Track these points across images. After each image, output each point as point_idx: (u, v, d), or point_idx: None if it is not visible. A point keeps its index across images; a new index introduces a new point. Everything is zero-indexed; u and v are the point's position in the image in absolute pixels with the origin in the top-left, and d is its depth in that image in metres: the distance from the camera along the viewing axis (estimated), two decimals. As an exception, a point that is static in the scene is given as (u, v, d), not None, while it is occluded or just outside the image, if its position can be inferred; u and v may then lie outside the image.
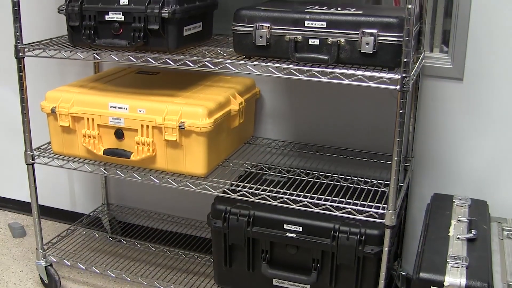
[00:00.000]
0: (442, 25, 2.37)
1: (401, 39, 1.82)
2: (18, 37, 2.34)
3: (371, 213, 1.99)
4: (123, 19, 2.16)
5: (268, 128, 2.68)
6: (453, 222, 2.12)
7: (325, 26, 1.92)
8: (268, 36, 1.98)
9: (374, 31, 1.87)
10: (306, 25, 1.94)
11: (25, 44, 2.35)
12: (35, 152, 2.49)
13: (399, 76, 1.80)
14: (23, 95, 2.40)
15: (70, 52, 2.28)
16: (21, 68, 2.37)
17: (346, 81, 1.89)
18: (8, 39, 2.97)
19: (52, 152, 2.45)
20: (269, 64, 1.98)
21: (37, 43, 2.39)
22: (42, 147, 2.54)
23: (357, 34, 1.89)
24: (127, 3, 2.15)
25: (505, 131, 2.31)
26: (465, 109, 2.34)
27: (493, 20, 2.23)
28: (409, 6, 1.75)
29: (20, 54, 2.35)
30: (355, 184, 2.32)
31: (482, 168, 2.38)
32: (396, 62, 1.87)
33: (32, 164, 2.49)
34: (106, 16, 2.19)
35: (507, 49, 2.24)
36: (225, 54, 2.16)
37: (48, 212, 3.32)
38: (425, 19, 2.27)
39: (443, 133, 2.40)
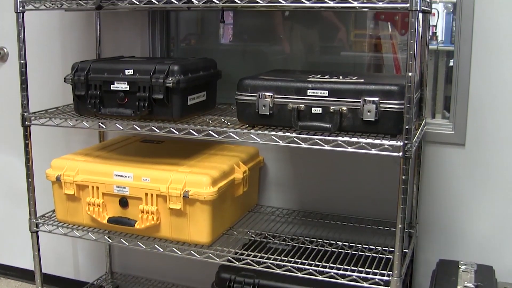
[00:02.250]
0: (443, 91, 2.40)
1: (403, 107, 1.84)
2: (25, 105, 2.37)
3: (377, 280, 1.97)
4: (128, 89, 2.20)
5: (272, 196, 2.68)
6: (460, 288, 2.11)
7: (327, 94, 1.94)
8: (271, 105, 2.01)
9: (376, 99, 1.89)
10: (308, 94, 1.96)
11: (32, 113, 2.38)
12: (39, 220, 2.49)
13: (401, 143, 1.81)
14: (28, 163, 2.42)
15: (76, 121, 2.31)
16: (27, 136, 2.39)
17: (349, 149, 1.90)
18: (15, 107, 3.01)
19: (56, 220, 2.45)
20: (272, 132, 1.99)
21: (44, 112, 2.42)
22: (46, 215, 2.54)
23: (359, 102, 1.91)
24: (132, 73, 2.19)
25: (509, 196, 2.31)
26: (468, 174, 2.35)
27: (493, 85, 2.26)
28: (410, 74, 1.77)
29: (27, 122, 2.38)
30: (360, 251, 2.31)
31: (487, 233, 2.37)
32: (398, 129, 1.88)
33: (36, 232, 2.49)
34: (111, 85, 2.22)
35: (507, 114, 2.26)
36: (228, 123, 2.18)
37: (51, 280, 3.29)
38: (426, 86, 2.30)
39: (447, 199, 2.40)
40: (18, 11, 2.30)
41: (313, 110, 1.97)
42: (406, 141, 1.81)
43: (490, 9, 2.23)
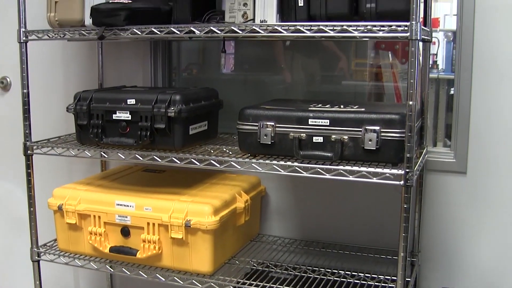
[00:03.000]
0: (444, 120, 2.41)
1: (404, 135, 1.85)
2: (27, 134, 2.39)
3: (379, 310, 1.97)
4: (130, 118, 2.21)
5: (273, 225, 2.68)
6: (463, 318, 2.09)
7: (328, 123, 1.95)
8: (272, 135, 2.02)
9: (377, 127, 1.90)
10: (309, 123, 1.97)
11: (34, 142, 2.39)
12: (41, 249, 2.48)
13: (403, 172, 1.82)
14: (30, 192, 2.42)
15: (78, 150, 2.32)
16: (29, 165, 2.40)
17: (351, 178, 1.90)
18: (17, 136, 3.01)
19: (58, 249, 2.45)
20: (274, 162, 2.00)
21: (46, 141, 2.43)
22: (48, 244, 2.54)
23: (360, 131, 1.92)
24: (134, 103, 2.20)
25: (511, 223, 2.30)
26: (470, 203, 2.35)
27: (494, 113, 2.27)
28: (410, 103, 1.78)
29: (29, 151, 2.38)
30: (362, 280, 2.30)
31: (490, 261, 2.36)
32: (399, 158, 1.89)
33: (38, 261, 2.49)
34: (113, 115, 2.24)
35: (508, 142, 2.26)
36: (230, 153, 2.19)
37: (52, 311, 3.28)
38: (427, 114, 2.31)
39: (449, 227, 2.40)
40: (22, 41, 2.32)
41: (315, 139, 1.97)
42: (407, 170, 1.81)
43: (490, 37, 2.24)
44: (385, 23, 1.80)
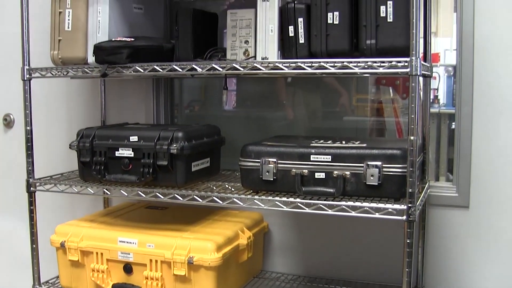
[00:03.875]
0: (446, 154, 2.42)
1: (405, 170, 1.85)
2: (30, 171, 2.39)
3: None
4: (132, 155, 2.22)
5: (276, 261, 2.67)
6: None
7: (330, 159, 1.96)
8: (274, 171, 2.02)
9: (379, 163, 1.91)
10: (311, 159, 1.98)
11: (37, 179, 2.40)
12: (43, 286, 2.47)
13: (405, 207, 1.82)
14: (33, 229, 2.42)
15: (81, 187, 2.32)
16: (32, 202, 2.40)
17: (353, 213, 1.90)
18: (20, 173, 3.02)
19: (60, 286, 2.43)
20: (276, 198, 2.00)
21: (49, 178, 2.44)
22: (50, 281, 2.53)
23: (362, 166, 1.92)
24: (137, 140, 2.21)
25: (514, 259, 2.30)
26: (473, 237, 2.34)
27: (495, 147, 2.27)
28: (412, 138, 1.79)
29: (32, 188, 2.39)
30: (366, 317, 2.29)
31: (494, 297, 2.35)
32: (401, 193, 1.89)
33: (40, 299, 2.48)
34: (116, 152, 2.24)
35: (510, 176, 2.26)
36: (232, 189, 2.20)
37: None
38: (428, 149, 2.32)
39: (452, 261, 2.39)
40: (25, 78, 2.35)
41: (317, 175, 1.98)
42: (409, 205, 1.81)
43: (489, 72, 2.26)
44: (386, 59, 1.82)
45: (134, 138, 2.22)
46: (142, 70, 2.16)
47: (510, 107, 2.24)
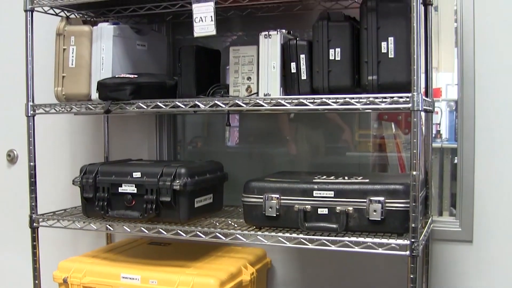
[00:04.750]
0: (449, 189, 2.42)
1: (408, 205, 1.85)
2: (33, 207, 2.40)
3: None
4: (135, 191, 2.22)
5: (280, 297, 2.66)
6: None
7: (333, 195, 1.96)
8: (277, 207, 2.02)
9: (381, 198, 1.91)
10: (314, 195, 1.98)
11: (40, 215, 2.40)
12: (45, 323, 2.46)
13: (408, 242, 1.81)
14: (35, 264, 2.41)
15: (84, 223, 2.32)
16: (34, 238, 2.40)
17: (356, 249, 1.89)
18: (23, 208, 3.02)
19: (62, 323, 2.43)
20: (279, 234, 2.00)
21: (52, 214, 2.44)
22: (52, 318, 2.52)
23: (365, 202, 1.92)
24: (140, 176, 2.21)
25: (519, 294, 2.29)
26: (477, 271, 2.33)
27: (498, 181, 2.27)
28: (414, 173, 1.79)
29: (35, 224, 2.39)
30: None
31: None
32: (404, 228, 1.89)
33: (42, 336, 2.46)
34: (119, 188, 2.25)
35: (512, 210, 2.27)
36: (235, 225, 2.19)
37: None
38: (431, 184, 2.31)
39: (457, 297, 2.38)
40: (29, 114, 2.36)
41: (320, 211, 1.98)
42: (413, 240, 1.81)
43: (491, 106, 2.27)
44: (387, 94, 1.84)
45: (137, 174, 2.22)
46: (145, 107, 2.17)
47: (512, 141, 2.26)
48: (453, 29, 2.38)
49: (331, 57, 2.00)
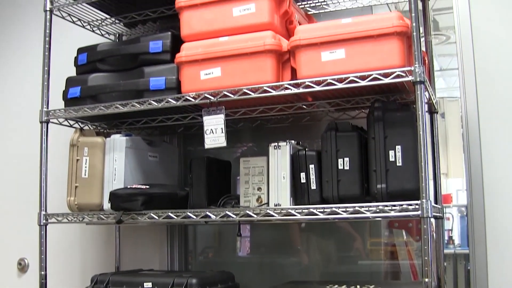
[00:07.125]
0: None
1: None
2: (43, 267, 2.38)
3: None
4: (146, 303, 2.21)
5: None
6: None
7: (345, 305, 1.95)
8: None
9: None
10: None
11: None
12: None
13: None
14: None
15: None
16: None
17: None
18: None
19: None
20: None
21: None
22: None
23: None
24: (151, 286, 2.21)
25: None
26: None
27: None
28: (426, 280, 1.77)
29: None
30: None
31: None
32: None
33: None
34: (130, 298, 2.24)
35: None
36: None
37: None
38: (446, 290, 2.29)
39: None
40: (42, 224, 2.38)
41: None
42: None
43: (500, 211, 2.28)
44: (396, 202, 1.85)
45: (148, 285, 2.21)
46: (156, 217, 2.19)
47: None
48: (461, 135, 2.41)
49: (340, 167, 2.02)
